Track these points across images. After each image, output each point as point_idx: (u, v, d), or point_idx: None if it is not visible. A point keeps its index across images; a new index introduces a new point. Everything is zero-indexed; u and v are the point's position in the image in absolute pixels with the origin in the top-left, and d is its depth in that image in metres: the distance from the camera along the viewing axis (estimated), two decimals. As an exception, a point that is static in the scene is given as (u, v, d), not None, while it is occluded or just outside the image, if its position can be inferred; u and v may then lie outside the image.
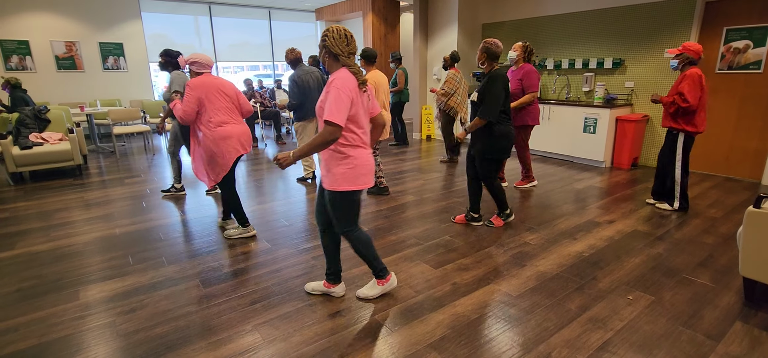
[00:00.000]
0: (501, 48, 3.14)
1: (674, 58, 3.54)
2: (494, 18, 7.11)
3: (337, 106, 1.96)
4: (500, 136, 3.22)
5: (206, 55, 3.13)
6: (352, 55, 2.09)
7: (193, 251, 3.16)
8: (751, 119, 4.75)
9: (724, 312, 2.30)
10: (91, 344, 2.10)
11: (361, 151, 2.15)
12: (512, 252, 3.07)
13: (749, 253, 2.28)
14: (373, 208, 4.07)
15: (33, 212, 4.09)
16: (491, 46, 3.12)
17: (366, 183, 2.19)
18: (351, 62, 2.09)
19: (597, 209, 3.95)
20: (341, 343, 2.08)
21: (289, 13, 10.58)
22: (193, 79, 3.02)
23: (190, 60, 3.08)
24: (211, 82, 3.05)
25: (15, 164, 5.00)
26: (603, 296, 2.48)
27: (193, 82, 2.99)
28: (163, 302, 2.47)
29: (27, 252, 3.18)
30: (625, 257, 2.98)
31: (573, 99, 6.17)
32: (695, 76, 3.39)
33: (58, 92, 7.91)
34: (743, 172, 4.93)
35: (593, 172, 5.34)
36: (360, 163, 2.14)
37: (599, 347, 2.02)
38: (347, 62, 2.08)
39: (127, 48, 8.36)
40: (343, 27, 2.08)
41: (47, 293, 2.60)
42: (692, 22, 4.91)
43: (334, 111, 1.95)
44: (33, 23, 7.46)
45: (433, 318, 2.28)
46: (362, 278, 2.71)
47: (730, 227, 3.48)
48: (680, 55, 3.49)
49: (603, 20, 5.70)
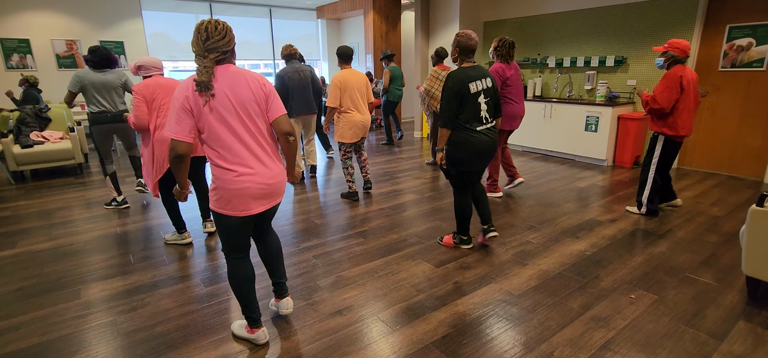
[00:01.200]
0: (474, 40, 2.72)
1: (660, 56, 3.37)
2: (496, 16, 7.09)
3: (169, 118, 1.71)
4: (454, 145, 2.75)
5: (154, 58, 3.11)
6: (208, 54, 1.69)
7: (194, 250, 3.15)
8: (754, 117, 4.73)
9: (727, 311, 2.29)
10: (93, 343, 2.10)
11: (223, 172, 1.76)
12: (514, 251, 3.06)
13: (753, 251, 2.26)
14: (373, 207, 4.07)
15: (34, 210, 4.09)
16: (462, 39, 2.72)
17: (235, 210, 1.79)
18: (202, 62, 1.70)
19: (599, 208, 3.94)
20: (342, 342, 2.08)
21: (289, 12, 10.56)
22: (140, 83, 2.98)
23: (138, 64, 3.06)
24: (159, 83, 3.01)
25: (16, 163, 5.01)
26: (605, 294, 2.47)
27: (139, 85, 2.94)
28: (164, 301, 2.46)
29: (28, 251, 3.18)
30: (628, 255, 2.97)
31: (575, 97, 6.15)
32: (673, 76, 3.22)
33: (59, 91, 7.90)
34: (746, 171, 4.90)
35: (595, 170, 5.32)
36: (221, 186, 1.77)
37: (602, 346, 2.01)
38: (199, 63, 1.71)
39: (127, 46, 8.35)
40: (217, 20, 1.72)
41: (48, 291, 2.59)
42: (695, 20, 4.89)
43: (167, 123, 1.72)
44: (33, 22, 7.45)
45: (434, 317, 2.27)
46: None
47: (733, 226, 3.46)
48: (665, 52, 3.31)
49: (605, 18, 5.67)
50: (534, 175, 5.11)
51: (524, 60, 6.71)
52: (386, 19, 8.85)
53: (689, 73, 3.28)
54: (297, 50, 4.60)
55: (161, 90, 2.99)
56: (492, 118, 2.81)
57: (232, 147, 1.76)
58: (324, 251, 3.10)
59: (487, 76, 2.76)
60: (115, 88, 3.93)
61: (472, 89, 2.67)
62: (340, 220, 3.73)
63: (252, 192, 1.79)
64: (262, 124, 1.84)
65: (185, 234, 3.29)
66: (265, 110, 1.84)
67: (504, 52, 3.84)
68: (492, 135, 2.80)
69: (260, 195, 1.82)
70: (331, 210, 3.99)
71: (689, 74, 3.27)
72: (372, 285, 2.61)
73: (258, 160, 1.81)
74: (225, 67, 1.77)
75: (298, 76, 4.44)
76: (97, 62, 3.83)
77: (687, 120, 3.33)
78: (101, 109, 3.88)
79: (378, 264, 2.89)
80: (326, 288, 2.58)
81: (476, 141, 2.72)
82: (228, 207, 1.80)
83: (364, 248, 3.15)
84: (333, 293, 2.52)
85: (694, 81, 3.29)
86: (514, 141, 6.65)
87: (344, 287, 2.59)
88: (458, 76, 2.64)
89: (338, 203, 4.21)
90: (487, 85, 2.74)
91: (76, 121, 6.53)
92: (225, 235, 1.89)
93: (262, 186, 1.81)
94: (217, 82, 1.72)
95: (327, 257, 3.01)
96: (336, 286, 2.61)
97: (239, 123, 1.76)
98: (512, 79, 3.90)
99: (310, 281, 2.67)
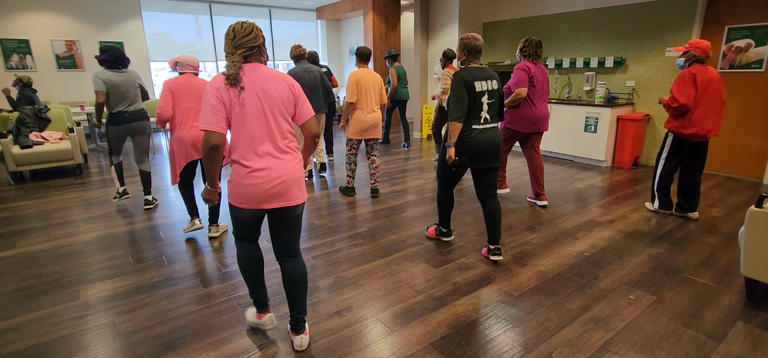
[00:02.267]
0: (481, 41, 2.80)
1: (680, 57, 3.38)
2: (495, 17, 7.09)
3: (203, 112, 1.76)
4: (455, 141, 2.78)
5: (191, 57, 3.22)
6: (236, 50, 1.77)
7: (193, 251, 3.15)
8: (752, 118, 4.74)
9: (725, 312, 2.29)
10: (91, 344, 2.10)
11: (238, 166, 1.82)
12: (513, 252, 3.07)
13: (751, 253, 2.27)
14: (373, 208, 4.07)
15: (33, 211, 4.09)
16: (469, 41, 2.78)
17: (245, 203, 1.85)
18: (231, 59, 1.79)
19: (598, 209, 3.94)
20: (342, 342, 2.08)
21: (289, 12, 10.57)
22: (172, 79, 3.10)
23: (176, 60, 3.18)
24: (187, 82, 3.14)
25: (15, 163, 5.00)
26: (604, 295, 2.47)
27: (170, 80, 3.07)
28: (163, 302, 2.46)
29: (27, 251, 3.18)
30: (627, 256, 2.97)
31: (574, 98, 6.16)
32: (686, 75, 3.25)
33: (59, 91, 7.91)
34: (745, 172, 4.91)
35: (594, 171, 5.32)
36: (234, 180, 1.84)
37: (600, 347, 2.01)
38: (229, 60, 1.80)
39: (127, 47, 8.35)
40: (251, 23, 1.81)
41: (47, 292, 2.59)
42: (694, 21, 4.90)
43: (201, 117, 1.78)
44: (33, 22, 7.46)
45: (433, 318, 2.27)
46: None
47: (731, 227, 3.46)
48: (686, 53, 3.32)
49: (604, 19, 5.68)
50: (533, 176, 5.11)
51: (523, 61, 6.72)
52: (386, 19, 8.85)
53: (709, 72, 3.26)
54: (306, 51, 4.65)
55: (186, 88, 3.10)
56: (492, 120, 2.82)
57: (251, 143, 1.80)
58: (324, 252, 3.10)
59: (494, 78, 2.79)
60: (133, 88, 3.94)
61: (477, 88, 2.71)
62: (339, 221, 3.73)
63: (264, 188, 1.82)
64: (286, 125, 1.88)
65: (196, 221, 3.43)
66: (292, 112, 1.90)
67: (531, 52, 3.79)
68: (493, 134, 2.80)
69: (271, 192, 1.84)
70: (330, 211, 3.99)
71: (707, 74, 3.25)
72: (371, 286, 2.61)
73: (274, 158, 1.84)
74: (256, 66, 1.82)
75: (307, 76, 4.51)
76: (112, 61, 3.82)
77: (699, 118, 3.29)
78: (119, 110, 3.89)
79: (377, 265, 2.89)
80: (325, 289, 2.59)
81: (474, 139, 2.76)
82: (239, 200, 1.85)
83: (364, 248, 3.15)
84: (332, 294, 2.52)
85: (713, 80, 3.26)
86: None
87: (343, 288, 2.59)
88: (465, 74, 2.71)
89: (338, 203, 4.21)
90: (492, 86, 2.77)
91: (76, 121, 6.53)
92: (235, 224, 1.96)
93: (273, 184, 1.83)
94: (249, 79, 1.78)
95: (326, 257, 3.01)
96: (335, 287, 2.61)
97: (265, 121, 1.81)
98: (538, 79, 3.77)
99: (310, 282, 2.67)
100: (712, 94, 3.27)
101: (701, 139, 3.35)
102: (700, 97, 3.26)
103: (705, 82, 3.24)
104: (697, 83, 3.23)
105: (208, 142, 1.74)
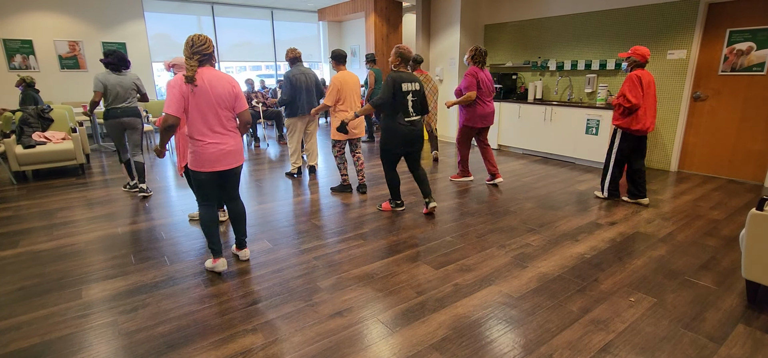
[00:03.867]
0: (411, 52, 3.61)
1: (624, 61, 3.85)
2: (496, 19, 7.11)
3: (167, 100, 2.39)
4: (387, 131, 3.61)
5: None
6: (194, 55, 2.42)
7: (194, 250, 3.16)
8: (754, 121, 4.73)
9: (726, 315, 2.29)
10: (93, 343, 2.10)
11: (197, 142, 2.51)
12: (514, 253, 3.07)
13: (752, 255, 2.27)
14: (372, 209, 4.08)
15: (35, 210, 4.11)
16: (403, 51, 3.55)
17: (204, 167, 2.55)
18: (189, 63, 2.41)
19: (599, 211, 3.94)
20: (342, 343, 2.08)
21: (291, 14, 10.60)
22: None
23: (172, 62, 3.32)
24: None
25: (18, 163, 5.02)
26: (605, 297, 2.47)
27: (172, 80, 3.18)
28: (164, 302, 2.47)
29: (29, 251, 3.20)
30: (627, 258, 2.97)
31: (575, 100, 6.16)
32: (633, 77, 3.69)
33: (61, 91, 7.93)
34: (746, 175, 4.91)
35: (595, 173, 5.32)
36: (196, 151, 2.53)
37: (601, 349, 2.01)
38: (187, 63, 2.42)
39: (130, 48, 8.38)
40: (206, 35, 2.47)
41: (49, 291, 2.61)
42: (695, 24, 4.90)
43: (166, 103, 2.39)
44: (36, 23, 7.49)
45: (434, 319, 2.27)
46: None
47: (732, 230, 3.46)
48: (629, 58, 3.79)
49: (606, 21, 5.69)
50: (534, 178, 5.12)
51: (525, 63, 6.73)
52: (387, 21, 8.87)
53: (647, 75, 3.73)
54: (301, 53, 4.87)
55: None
56: (417, 114, 3.62)
57: (205, 124, 2.50)
58: (324, 253, 3.11)
59: (417, 81, 3.60)
60: (130, 89, 4.34)
61: (404, 88, 3.50)
62: (340, 222, 3.74)
63: (216, 156, 2.56)
64: (229, 113, 2.60)
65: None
66: (232, 105, 2.59)
67: (480, 59, 4.50)
68: (417, 126, 3.62)
69: (222, 157, 2.58)
70: (331, 212, 4.00)
71: (647, 77, 3.73)
72: (372, 287, 2.62)
73: (222, 134, 2.57)
74: (208, 68, 2.49)
75: (305, 79, 4.79)
76: (115, 64, 4.21)
77: (642, 115, 3.76)
78: (113, 106, 4.26)
79: (378, 266, 2.90)
80: (326, 289, 2.59)
81: (403, 130, 3.56)
82: (200, 165, 2.55)
83: (364, 249, 3.16)
84: (333, 295, 2.53)
85: (651, 83, 3.77)
86: (514, 143, 6.66)
87: (344, 289, 2.60)
88: (396, 76, 3.49)
89: (338, 204, 4.22)
90: (415, 88, 3.58)
91: (78, 121, 6.55)
92: (198, 187, 2.64)
93: (223, 151, 2.58)
94: (202, 78, 2.44)
95: (327, 258, 3.02)
96: (336, 287, 2.62)
97: (214, 109, 2.50)
98: (484, 82, 4.49)
99: (310, 282, 2.67)
100: (652, 94, 3.77)
101: (644, 133, 3.84)
102: (644, 97, 3.72)
103: (647, 84, 3.72)
104: (643, 85, 3.69)
105: (166, 122, 2.39)
